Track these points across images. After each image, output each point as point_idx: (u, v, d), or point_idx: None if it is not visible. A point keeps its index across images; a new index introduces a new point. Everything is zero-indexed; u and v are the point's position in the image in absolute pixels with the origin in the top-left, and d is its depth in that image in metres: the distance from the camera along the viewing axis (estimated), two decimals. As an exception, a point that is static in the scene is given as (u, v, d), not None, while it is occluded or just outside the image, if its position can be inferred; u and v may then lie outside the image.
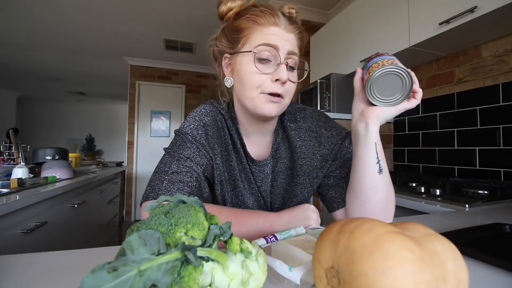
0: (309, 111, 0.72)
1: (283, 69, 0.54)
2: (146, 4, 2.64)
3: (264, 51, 0.54)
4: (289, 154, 0.67)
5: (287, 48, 0.55)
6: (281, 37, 0.55)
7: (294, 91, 0.60)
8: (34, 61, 4.26)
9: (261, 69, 0.55)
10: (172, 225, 0.27)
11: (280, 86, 0.55)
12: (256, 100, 0.56)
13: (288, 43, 0.55)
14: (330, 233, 0.28)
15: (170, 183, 0.55)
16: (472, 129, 1.50)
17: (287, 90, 0.57)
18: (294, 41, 0.57)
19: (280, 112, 0.59)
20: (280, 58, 0.54)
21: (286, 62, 0.55)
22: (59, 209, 1.35)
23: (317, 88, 2.09)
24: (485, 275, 0.40)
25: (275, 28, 0.55)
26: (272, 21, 0.55)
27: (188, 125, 0.64)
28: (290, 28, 0.57)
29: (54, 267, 0.43)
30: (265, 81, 0.55)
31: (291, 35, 0.57)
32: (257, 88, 0.56)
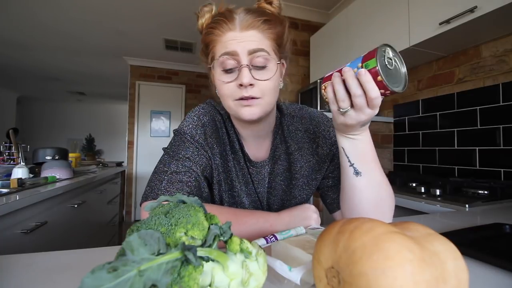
0: (306, 111, 0.71)
1: (243, 73, 0.52)
2: (146, 4, 2.64)
3: (225, 60, 0.53)
4: (287, 156, 0.67)
5: (247, 48, 0.52)
6: (237, 40, 0.53)
7: (274, 88, 0.56)
8: (34, 61, 4.26)
9: (227, 78, 0.54)
10: (172, 225, 0.27)
11: (248, 89, 0.53)
12: (233, 108, 0.57)
13: (247, 43, 0.52)
14: (330, 233, 0.28)
15: (170, 183, 0.56)
16: (472, 129, 1.50)
17: (261, 89, 0.54)
18: (256, 37, 0.53)
19: (263, 113, 0.57)
20: (240, 62, 0.53)
21: (247, 64, 0.52)
22: (59, 209, 1.35)
23: (317, 88, 2.09)
24: (485, 275, 0.40)
25: (231, 33, 0.53)
26: (227, 27, 0.53)
27: (186, 125, 0.64)
28: (248, 25, 0.53)
29: (54, 267, 0.43)
30: (232, 89, 0.54)
31: (251, 32, 0.53)
32: (229, 97, 0.56)
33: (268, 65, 0.54)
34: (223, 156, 0.64)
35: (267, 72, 0.54)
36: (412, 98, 1.89)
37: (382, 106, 2.16)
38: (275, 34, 0.56)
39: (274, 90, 0.57)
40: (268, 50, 0.54)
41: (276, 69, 0.55)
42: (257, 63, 0.53)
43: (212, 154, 0.63)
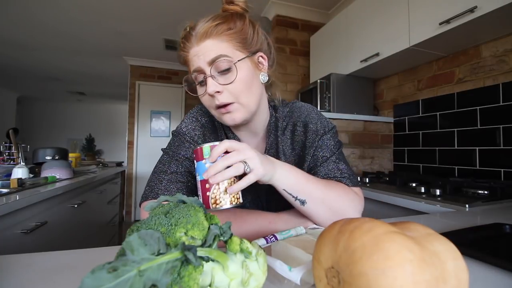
0: (297, 105, 0.70)
1: (208, 84, 0.53)
2: (146, 4, 2.64)
3: (196, 76, 0.56)
4: (283, 153, 0.66)
5: (206, 59, 0.53)
6: (197, 54, 0.54)
7: (246, 87, 0.55)
8: (34, 61, 4.26)
9: (201, 91, 0.57)
10: (172, 225, 0.27)
11: (217, 97, 0.54)
12: (217, 116, 0.58)
13: (204, 54, 0.53)
14: (330, 233, 0.28)
15: (169, 183, 0.56)
16: (472, 129, 1.50)
17: (231, 93, 0.54)
18: (212, 44, 0.54)
19: (246, 115, 0.57)
20: (204, 74, 0.54)
21: (211, 75, 0.53)
22: (59, 209, 1.35)
23: (317, 88, 2.09)
24: (485, 275, 0.40)
25: (192, 50, 0.55)
26: (189, 46, 0.55)
27: (185, 125, 0.64)
28: (201, 36, 0.54)
29: (54, 267, 0.43)
30: (208, 100, 0.57)
31: (206, 42, 0.54)
32: (210, 107, 0.58)
33: (232, 66, 0.54)
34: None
35: (232, 74, 0.54)
36: (412, 98, 1.89)
37: (382, 106, 2.16)
38: (233, 33, 0.55)
39: (248, 89, 0.56)
40: (227, 52, 0.54)
41: (244, 68, 0.55)
42: (221, 67, 0.54)
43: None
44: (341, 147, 0.67)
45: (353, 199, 0.58)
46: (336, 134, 0.68)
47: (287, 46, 2.60)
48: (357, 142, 1.88)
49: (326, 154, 0.63)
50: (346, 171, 0.63)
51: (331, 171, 0.61)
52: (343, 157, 0.66)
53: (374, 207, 1.25)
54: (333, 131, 0.67)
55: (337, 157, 0.64)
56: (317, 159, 0.63)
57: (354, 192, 0.61)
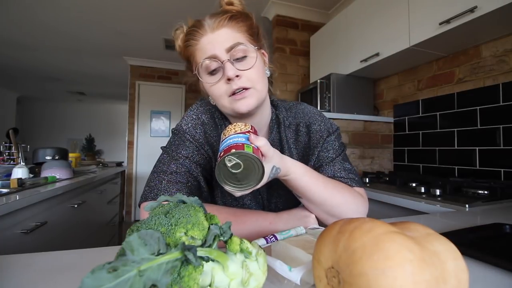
0: (300, 106, 0.71)
1: (227, 68, 0.54)
2: (146, 4, 2.64)
3: (208, 64, 0.55)
4: (284, 151, 0.66)
5: (223, 47, 0.54)
6: (211, 42, 0.55)
7: (261, 75, 0.58)
8: (34, 61, 4.26)
9: (214, 79, 0.56)
10: (172, 225, 0.27)
11: (236, 81, 0.55)
12: (228, 106, 0.58)
13: (221, 42, 0.55)
14: (330, 233, 0.28)
15: (169, 183, 0.55)
16: (472, 129, 1.50)
17: (249, 78, 0.56)
18: (228, 33, 0.55)
19: (258, 102, 0.58)
20: (222, 60, 0.55)
21: (228, 59, 0.54)
22: (59, 209, 1.35)
23: (317, 88, 2.09)
24: (485, 275, 0.40)
25: (204, 38, 0.55)
26: (200, 34, 0.56)
27: (186, 123, 0.64)
28: (217, 25, 0.55)
29: (54, 267, 0.43)
30: (223, 87, 0.56)
31: (221, 30, 0.55)
32: (221, 96, 0.57)
33: (248, 55, 0.56)
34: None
35: (249, 61, 0.56)
36: (412, 98, 1.89)
37: (382, 106, 2.16)
38: (245, 26, 0.57)
39: (262, 77, 0.58)
40: (243, 41, 0.56)
41: (256, 56, 0.57)
42: (237, 55, 0.55)
43: (213, 152, 0.63)
44: (345, 150, 0.69)
45: (358, 203, 0.59)
46: (340, 136, 0.69)
47: (287, 46, 2.60)
48: (357, 142, 1.88)
49: (332, 155, 0.64)
50: (352, 171, 0.64)
51: (337, 171, 0.63)
52: (347, 159, 0.68)
53: (374, 207, 1.25)
54: (337, 132, 0.68)
55: (342, 158, 0.65)
56: (322, 159, 0.64)
57: (359, 194, 0.62)
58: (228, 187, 0.45)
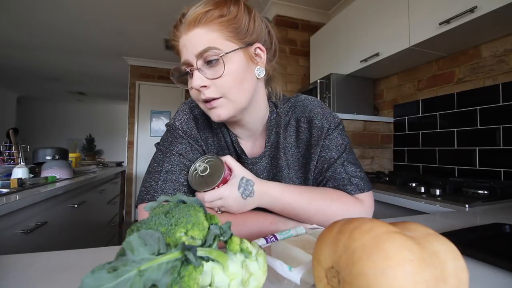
0: (299, 99, 0.66)
1: (193, 77, 0.50)
2: (146, 4, 2.64)
3: (184, 70, 0.53)
4: (284, 150, 0.63)
5: (194, 53, 0.50)
6: (186, 45, 0.50)
7: (237, 82, 0.51)
8: (34, 61, 4.26)
9: (189, 84, 0.53)
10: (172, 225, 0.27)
11: (204, 91, 0.51)
12: (204, 109, 0.56)
13: (193, 47, 0.49)
14: (330, 233, 0.28)
15: (164, 183, 0.55)
16: (472, 129, 1.50)
17: (219, 88, 0.51)
18: (200, 35, 0.49)
19: (233, 112, 0.54)
20: (192, 67, 0.51)
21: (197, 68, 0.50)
22: (59, 209, 1.35)
23: (317, 88, 2.09)
24: (485, 275, 0.40)
25: (181, 39, 0.51)
26: (178, 34, 0.51)
27: (178, 118, 0.62)
28: (190, 23, 0.49)
29: (54, 267, 0.43)
30: (195, 94, 0.54)
31: (194, 31, 0.49)
32: (197, 101, 0.55)
33: (221, 61, 0.49)
34: (220, 151, 0.64)
35: (220, 68, 0.50)
36: (412, 98, 1.89)
37: (382, 106, 2.16)
38: (225, 21, 0.50)
39: (238, 84, 0.52)
40: (217, 43, 0.49)
41: (235, 60, 0.51)
42: (210, 62, 0.50)
43: (207, 147, 0.62)
44: (349, 144, 0.63)
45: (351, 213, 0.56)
46: (343, 130, 0.64)
47: (287, 46, 2.60)
48: (357, 142, 1.88)
49: (334, 155, 0.60)
50: (355, 174, 0.59)
51: (338, 174, 0.59)
52: (352, 156, 0.62)
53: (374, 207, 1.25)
54: (340, 127, 0.63)
55: (345, 159, 0.60)
56: (324, 161, 0.60)
57: (359, 201, 0.58)
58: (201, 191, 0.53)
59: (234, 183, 0.52)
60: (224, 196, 0.51)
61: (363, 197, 0.59)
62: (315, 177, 0.62)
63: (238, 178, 0.53)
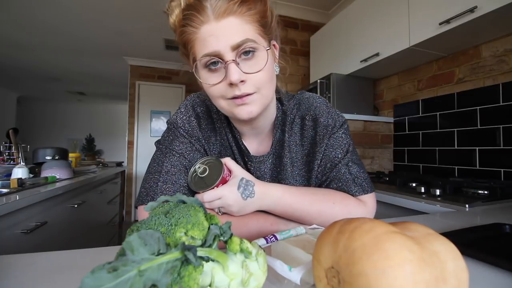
0: (304, 96, 0.65)
1: (231, 70, 0.46)
2: (146, 4, 2.64)
3: (208, 61, 0.47)
4: (289, 149, 0.62)
5: (229, 43, 0.45)
6: (215, 34, 0.45)
7: (269, 78, 0.50)
8: (34, 61, 4.26)
9: (214, 79, 0.48)
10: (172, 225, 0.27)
11: (240, 86, 0.47)
12: (227, 108, 0.51)
13: (226, 36, 0.45)
14: (330, 233, 0.28)
15: (164, 184, 0.54)
16: (472, 129, 1.50)
17: (255, 83, 0.48)
18: (235, 24, 0.45)
19: (262, 108, 0.52)
20: (225, 59, 0.46)
21: (233, 60, 0.46)
22: (59, 209, 1.35)
23: (317, 88, 2.09)
24: (485, 275, 0.40)
25: (206, 27, 0.45)
26: (200, 21, 0.46)
27: (180, 116, 0.60)
28: (223, 11, 0.45)
29: (54, 267, 0.43)
30: (222, 88, 0.49)
31: (228, 20, 0.45)
32: (220, 97, 0.50)
33: (257, 54, 0.48)
34: (223, 150, 0.62)
35: (257, 63, 0.48)
36: (412, 98, 1.89)
37: (382, 106, 2.16)
38: (256, 14, 0.47)
39: (270, 80, 0.51)
40: (253, 37, 0.47)
41: (267, 56, 0.48)
42: (244, 55, 0.47)
43: (209, 146, 0.61)
44: (353, 144, 0.63)
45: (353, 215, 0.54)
46: (348, 130, 0.63)
47: (287, 46, 2.60)
48: (357, 142, 1.88)
49: (338, 154, 0.59)
50: (359, 175, 0.59)
51: (342, 175, 0.58)
52: (356, 156, 0.62)
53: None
54: (344, 126, 0.62)
55: (349, 159, 0.59)
56: (328, 160, 0.59)
57: (361, 203, 0.57)
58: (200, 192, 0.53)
59: (233, 183, 0.52)
60: (223, 195, 0.51)
61: (365, 199, 0.59)
62: (318, 177, 0.61)
63: (237, 179, 0.52)
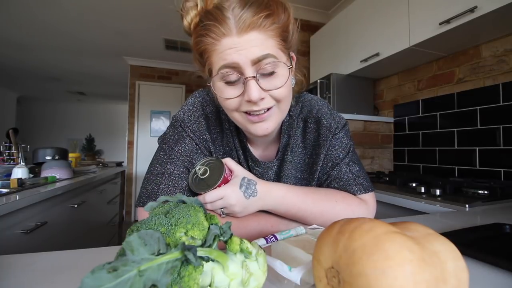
0: (307, 97, 0.64)
1: (250, 88, 0.44)
2: (146, 4, 2.64)
3: (226, 74, 0.45)
4: (295, 154, 0.62)
5: (250, 57, 0.43)
6: (237, 48, 0.43)
7: (288, 93, 0.49)
8: (34, 61, 4.26)
9: (231, 93, 0.47)
10: (172, 225, 0.27)
11: (258, 103, 0.46)
12: (241, 122, 0.50)
13: (249, 50, 0.43)
14: (330, 233, 0.28)
15: (166, 187, 0.53)
16: (472, 129, 1.50)
17: (274, 98, 0.48)
18: (258, 39, 0.44)
19: (277, 123, 0.51)
20: (244, 73, 0.44)
21: (253, 76, 0.44)
22: (59, 209, 1.35)
23: (317, 88, 2.09)
24: (485, 275, 0.40)
25: (227, 40, 0.44)
26: (221, 33, 0.44)
27: (188, 114, 0.58)
28: (247, 26, 0.43)
29: (54, 267, 0.43)
30: (238, 102, 0.47)
31: (251, 34, 0.43)
32: (235, 110, 0.49)
33: (277, 70, 0.46)
34: (227, 152, 0.61)
35: (277, 79, 0.46)
36: (412, 98, 1.89)
37: (382, 106, 2.16)
38: (279, 28, 0.46)
39: (289, 93, 0.50)
40: (275, 53, 0.45)
41: (288, 74, 0.47)
42: (265, 70, 0.45)
43: (215, 148, 0.60)
44: (354, 145, 0.64)
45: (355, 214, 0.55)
46: (348, 131, 0.64)
47: (287, 46, 2.60)
48: (357, 142, 1.88)
49: (340, 154, 0.60)
50: (359, 174, 0.59)
51: (343, 174, 0.58)
52: (356, 157, 0.62)
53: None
54: (346, 127, 0.62)
55: (350, 159, 0.60)
56: (329, 159, 0.60)
57: (362, 202, 0.58)
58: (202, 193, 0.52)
59: (235, 183, 0.51)
60: (226, 195, 0.50)
61: (366, 198, 0.59)
62: (319, 176, 0.61)
63: (239, 178, 0.52)
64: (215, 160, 0.55)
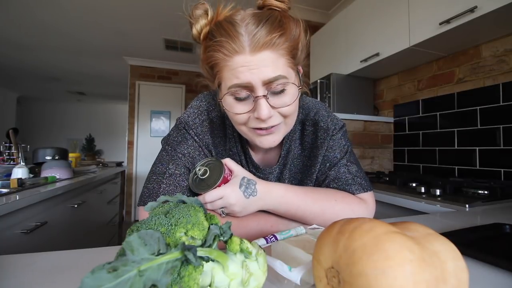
0: (305, 100, 0.65)
1: (261, 106, 0.46)
2: (146, 4, 2.64)
3: (237, 92, 0.46)
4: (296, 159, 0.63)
5: (262, 78, 0.44)
6: (249, 66, 0.44)
7: (295, 108, 0.51)
8: (34, 61, 4.26)
9: (240, 108, 0.48)
10: (172, 225, 0.27)
11: (267, 121, 0.48)
12: (248, 135, 0.52)
13: (261, 71, 0.44)
14: (330, 233, 0.28)
15: (168, 187, 0.54)
16: (472, 129, 1.50)
17: (282, 114, 0.49)
18: (269, 59, 0.44)
19: (283, 136, 0.53)
20: (256, 92, 0.46)
21: (264, 95, 0.45)
22: (59, 209, 1.35)
23: (317, 88, 2.09)
24: (485, 275, 0.40)
25: (239, 57, 0.44)
26: (234, 49, 0.44)
27: (193, 117, 0.59)
28: (261, 46, 0.43)
29: (54, 267, 0.43)
30: (247, 118, 0.49)
31: (264, 54, 0.44)
32: (243, 124, 0.51)
33: (287, 88, 0.47)
34: (230, 156, 0.62)
35: (286, 97, 0.48)
36: (412, 98, 1.89)
37: (382, 106, 2.16)
38: (290, 46, 0.46)
39: (296, 108, 0.52)
40: (286, 73, 0.46)
41: (297, 93, 0.49)
42: (275, 89, 0.46)
43: (217, 152, 0.61)
44: (351, 147, 0.65)
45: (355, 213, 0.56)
46: (346, 133, 0.65)
47: (287, 46, 2.60)
48: (357, 142, 1.88)
49: (337, 155, 0.60)
50: (358, 174, 0.60)
51: (342, 174, 0.59)
52: (354, 157, 0.63)
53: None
54: (343, 129, 0.63)
55: (348, 159, 0.61)
56: (327, 160, 0.60)
57: (362, 201, 0.58)
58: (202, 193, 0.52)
59: (235, 182, 0.52)
60: (225, 194, 0.50)
61: (365, 197, 0.60)
62: (317, 177, 0.62)
63: (239, 178, 0.52)
64: (215, 160, 0.55)
